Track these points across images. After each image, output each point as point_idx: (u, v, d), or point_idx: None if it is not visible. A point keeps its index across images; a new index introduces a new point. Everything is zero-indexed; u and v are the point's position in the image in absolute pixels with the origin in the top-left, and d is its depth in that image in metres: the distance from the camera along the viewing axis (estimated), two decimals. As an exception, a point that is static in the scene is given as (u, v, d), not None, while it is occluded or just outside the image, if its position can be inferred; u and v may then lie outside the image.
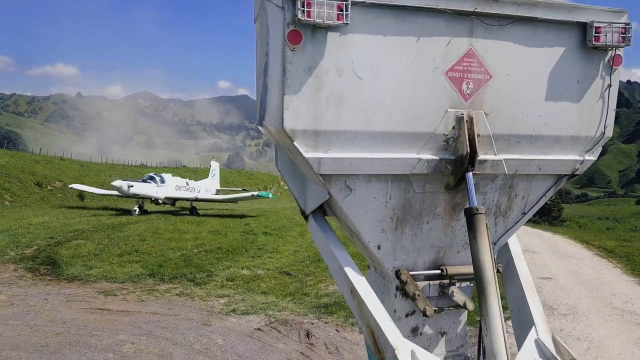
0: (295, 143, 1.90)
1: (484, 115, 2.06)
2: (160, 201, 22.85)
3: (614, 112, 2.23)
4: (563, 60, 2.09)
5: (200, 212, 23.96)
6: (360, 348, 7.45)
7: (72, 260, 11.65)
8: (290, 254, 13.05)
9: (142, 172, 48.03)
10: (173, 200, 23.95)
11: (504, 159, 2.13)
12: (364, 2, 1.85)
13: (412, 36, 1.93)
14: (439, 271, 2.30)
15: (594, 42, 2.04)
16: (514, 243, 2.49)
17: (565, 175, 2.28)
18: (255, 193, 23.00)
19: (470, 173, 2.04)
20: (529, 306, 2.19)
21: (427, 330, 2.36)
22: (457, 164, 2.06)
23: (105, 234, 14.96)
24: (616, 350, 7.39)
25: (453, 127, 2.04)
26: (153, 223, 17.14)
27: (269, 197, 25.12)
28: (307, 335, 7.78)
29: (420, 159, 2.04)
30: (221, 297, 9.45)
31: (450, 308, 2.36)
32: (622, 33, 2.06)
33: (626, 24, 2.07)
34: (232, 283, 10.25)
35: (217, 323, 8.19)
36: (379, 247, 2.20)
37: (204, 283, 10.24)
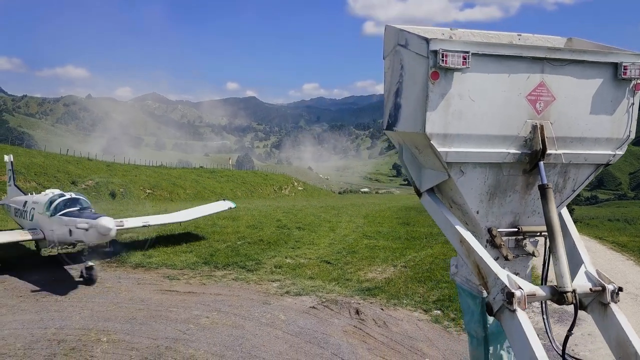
0: (432, 141, 2.97)
1: (550, 124, 3.11)
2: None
3: (636, 122, 3.30)
4: (601, 87, 3.15)
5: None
6: (405, 323, 8.51)
7: (131, 250, 12.82)
8: (326, 245, 14.15)
9: (164, 173, 48.86)
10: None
11: (562, 153, 3.17)
12: (478, 53, 2.93)
13: (506, 73, 3.00)
14: (516, 229, 3.36)
15: (622, 76, 3.10)
16: (565, 212, 3.55)
17: (602, 164, 3.34)
18: (231, 205, 15.86)
19: (542, 162, 3.09)
20: (579, 251, 3.24)
21: (507, 270, 3.43)
22: (532, 156, 3.11)
23: (152, 228, 16.14)
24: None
25: (530, 132, 3.09)
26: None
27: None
28: (357, 312, 8.85)
29: (508, 153, 3.09)
30: (273, 281, 10.55)
31: (523, 255, 3.42)
32: None
33: None
34: (280, 270, 11.34)
35: (275, 302, 9.29)
36: (477, 212, 3.27)
37: (255, 270, 11.34)
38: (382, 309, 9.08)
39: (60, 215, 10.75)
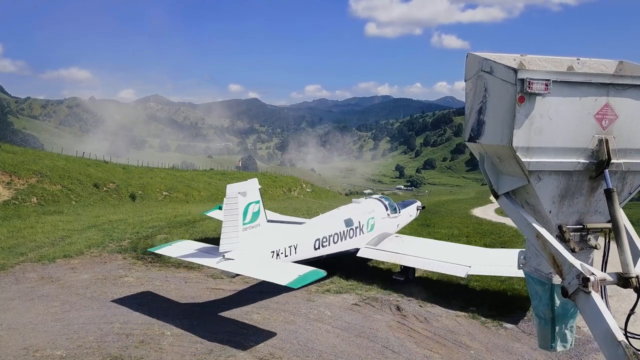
0: (517, 153, 3.56)
1: (613, 138, 3.70)
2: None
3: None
4: None
5: None
6: (444, 319, 9.06)
7: (169, 250, 13.37)
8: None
9: (177, 176, 49.48)
10: None
11: (623, 162, 3.75)
12: (557, 80, 3.52)
13: (577, 97, 3.59)
14: (581, 226, 3.94)
15: None
16: (622, 212, 4.13)
17: None
18: None
19: (607, 170, 3.68)
20: (637, 244, 3.81)
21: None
22: (598, 165, 3.69)
23: (184, 229, 16.75)
24: (655, 321, 8.94)
25: (597, 145, 3.68)
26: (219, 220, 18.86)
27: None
28: (398, 308, 9.42)
29: (579, 162, 3.67)
30: (312, 280, 11.10)
31: (586, 248, 4.00)
32: None
33: None
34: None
35: (319, 300, 9.85)
36: (550, 212, 3.85)
37: (292, 269, 11.90)
38: (420, 306, 9.64)
39: (403, 209, 14.37)
